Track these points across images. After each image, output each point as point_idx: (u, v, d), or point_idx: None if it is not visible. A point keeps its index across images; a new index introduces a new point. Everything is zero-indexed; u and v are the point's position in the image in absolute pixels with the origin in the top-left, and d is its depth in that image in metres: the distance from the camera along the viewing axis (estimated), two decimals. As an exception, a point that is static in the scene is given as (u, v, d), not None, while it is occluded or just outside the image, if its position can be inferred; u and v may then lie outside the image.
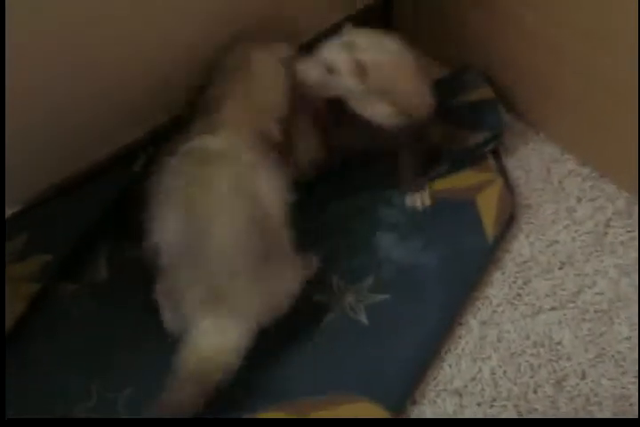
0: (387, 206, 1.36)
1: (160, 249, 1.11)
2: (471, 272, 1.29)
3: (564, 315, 1.26)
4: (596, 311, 1.26)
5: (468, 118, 1.40)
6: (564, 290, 1.28)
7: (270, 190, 1.13)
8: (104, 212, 1.30)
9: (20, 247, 1.26)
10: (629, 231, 1.32)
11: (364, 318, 1.24)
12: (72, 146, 1.24)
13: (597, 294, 1.27)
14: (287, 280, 1.14)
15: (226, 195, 1.10)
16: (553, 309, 1.26)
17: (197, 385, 1.06)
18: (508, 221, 1.34)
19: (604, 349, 1.22)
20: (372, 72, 1.19)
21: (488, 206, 1.33)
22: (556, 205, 1.36)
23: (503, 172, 1.39)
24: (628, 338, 1.22)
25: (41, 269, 1.24)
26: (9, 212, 1.26)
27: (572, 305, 1.26)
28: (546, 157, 1.42)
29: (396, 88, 1.23)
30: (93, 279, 1.28)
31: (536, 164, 1.41)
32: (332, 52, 1.21)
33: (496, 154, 1.41)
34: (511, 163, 1.42)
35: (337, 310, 1.25)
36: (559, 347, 1.23)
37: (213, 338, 1.09)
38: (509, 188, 1.37)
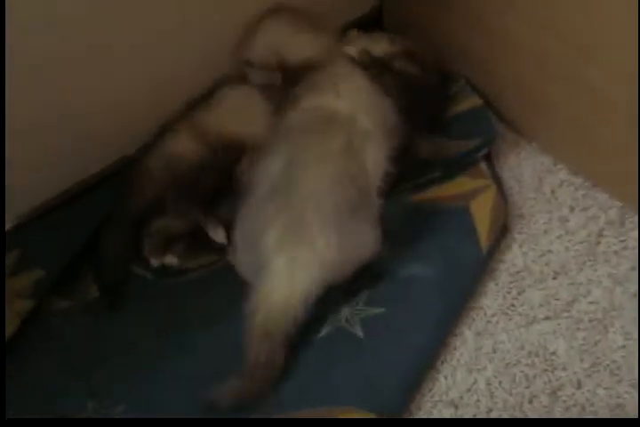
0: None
1: (255, 184, 1.18)
2: (466, 283, 1.29)
3: (559, 324, 1.26)
4: (590, 320, 1.26)
5: (459, 128, 1.41)
6: (557, 300, 1.28)
7: (375, 159, 1.21)
8: (96, 227, 1.30)
9: (12, 263, 1.26)
10: (622, 241, 1.32)
11: (359, 331, 1.24)
12: (65, 163, 1.26)
13: (591, 303, 1.27)
14: (366, 241, 1.18)
15: (333, 152, 1.17)
16: (547, 318, 1.26)
17: (267, 339, 1.11)
18: (502, 230, 1.34)
19: (599, 358, 1.22)
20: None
21: (482, 214, 1.33)
22: (548, 215, 1.36)
23: (497, 178, 1.39)
24: (623, 347, 1.22)
25: (34, 286, 1.24)
26: (1, 228, 1.26)
27: (566, 315, 1.26)
28: (538, 167, 1.42)
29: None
30: (86, 296, 1.28)
31: (528, 174, 1.42)
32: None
33: (489, 161, 1.41)
34: (503, 173, 1.42)
35: (333, 322, 1.25)
36: (554, 357, 1.23)
37: (285, 277, 1.13)
38: (503, 196, 1.37)
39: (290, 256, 1.13)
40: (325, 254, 1.14)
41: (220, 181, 1.28)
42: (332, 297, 1.21)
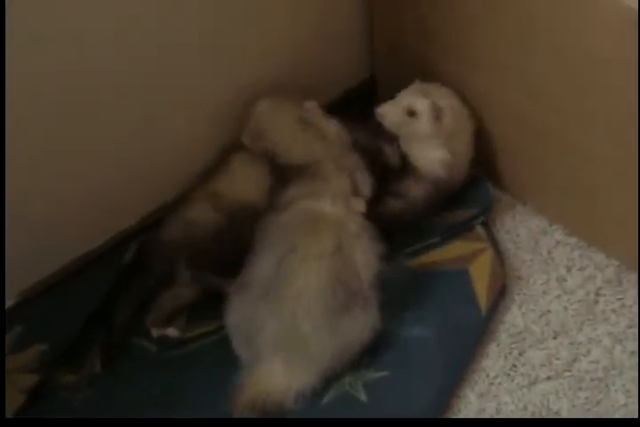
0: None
1: (248, 283, 1.22)
2: (467, 345, 1.31)
3: (561, 384, 1.27)
4: (591, 380, 1.27)
5: (456, 197, 1.44)
6: (558, 359, 1.29)
7: (366, 260, 1.25)
8: (99, 301, 1.32)
9: (15, 339, 1.27)
10: (620, 299, 1.34)
11: (362, 396, 1.25)
12: (64, 238, 1.28)
13: (592, 362, 1.28)
14: (361, 330, 1.23)
15: (324, 253, 1.21)
16: (549, 378, 1.27)
17: (251, 410, 1.16)
18: (501, 292, 1.36)
19: (601, 417, 1.22)
20: (447, 116, 1.32)
21: (481, 276, 1.35)
22: (546, 276, 1.38)
23: (493, 241, 1.42)
24: (625, 405, 1.23)
25: (38, 360, 1.25)
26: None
27: (567, 374, 1.28)
28: (533, 229, 1.45)
29: (459, 136, 1.37)
30: (92, 369, 1.29)
31: (524, 235, 1.44)
32: (413, 97, 1.34)
33: (485, 225, 1.44)
34: (500, 235, 1.45)
35: (336, 388, 1.26)
36: (557, 417, 1.23)
37: (281, 376, 1.18)
38: (501, 258, 1.39)
39: (285, 358, 1.19)
40: (321, 356, 1.20)
41: (236, 248, 1.31)
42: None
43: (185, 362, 1.30)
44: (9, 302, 1.28)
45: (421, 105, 1.32)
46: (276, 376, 1.19)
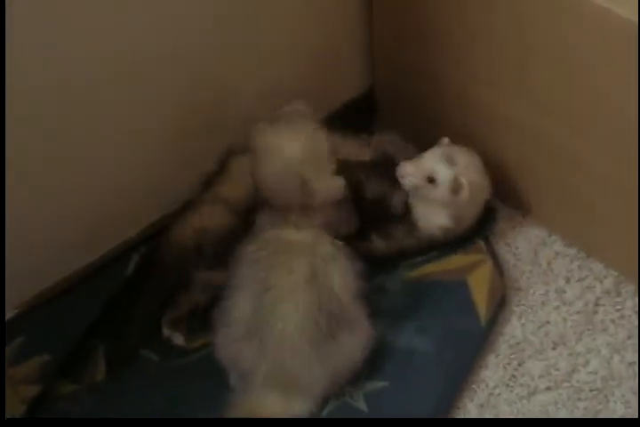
0: (379, 292, 1.38)
1: (230, 320, 1.21)
2: (467, 356, 1.32)
3: (560, 395, 1.27)
4: (590, 390, 1.27)
5: None
6: (557, 370, 1.30)
7: (344, 282, 1.23)
8: (100, 311, 1.33)
9: (17, 350, 1.28)
10: (619, 309, 1.35)
11: (363, 406, 1.26)
12: (65, 250, 1.29)
13: (591, 372, 1.29)
14: (354, 351, 1.23)
15: (299, 284, 1.20)
16: (548, 389, 1.28)
17: None
18: (500, 303, 1.37)
19: (601, 427, 1.23)
20: (465, 192, 1.31)
21: (480, 287, 1.36)
22: (545, 287, 1.39)
23: (493, 253, 1.43)
24: (624, 416, 1.24)
25: (40, 371, 1.26)
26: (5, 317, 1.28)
27: (566, 385, 1.28)
28: (533, 240, 1.46)
29: (470, 206, 1.36)
30: (93, 378, 1.30)
31: (523, 246, 1.45)
32: (437, 163, 1.32)
33: (485, 237, 1.45)
34: (499, 246, 1.45)
35: (337, 398, 1.26)
36: (557, 427, 1.24)
37: (277, 406, 1.19)
38: (500, 270, 1.40)
39: (280, 394, 1.19)
40: (314, 387, 1.20)
41: None
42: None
43: (187, 372, 1.31)
44: (9, 314, 1.29)
45: (443, 175, 1.31)
46: (271, 406, 1.19)
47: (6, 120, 1.00)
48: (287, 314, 1.19)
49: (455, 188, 1.31)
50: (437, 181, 1.31)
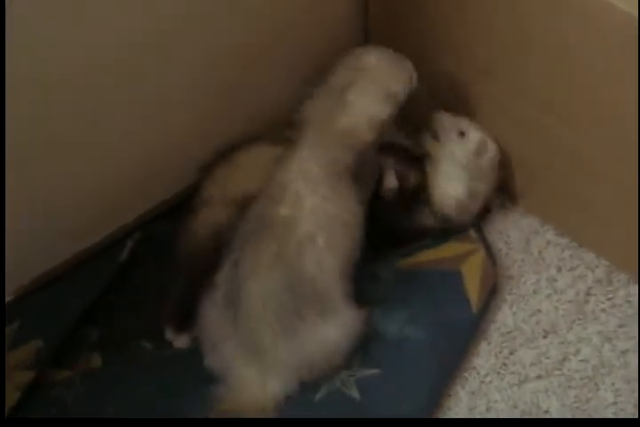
0: (371, 280, 1.38)
1: (216, 286, 1.22)
2: (459, 344, 1.32)
3: (551, 383, 1.28)
4: (581, 378, 1.28)
5: None
6: (548, 358, 1.31)
7: (321, 263, 1.19)
8: (95, 297, 1.33)
9: (12, 335, 1.28)
10: (610, 298, 1.36)
11: (355, 393, 1.26)
12: (59, 236, 1.28)
13: (582, 361, 1.30)
14: (327, 339, 1.20)
15: (263, 265, 1.18)
16: (539, 377, 1.29)
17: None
18: (492, 291, 1.37)
19: (590, 415, 1.24)
20: (488, 155, 1.36)
21: (472, 276, 1.36)
22: (537, 276, 1.40)
23: (485, 241, 1.43)
24: (614, 404, 1.25)
25: (34, 357, 1.26)
26: (0, 301, 1.28)
27: (557, 373, 1.29)
28: (525, 229, 1.46)
29: (483, 180, 1.38)
30: (86, 365, 1.30)
31: (516, 236, 1.46)
32: (471, 125, 1.36)
33: (477, 226, 1.45)
34: (491, 235, 1.46)
35: (328, 385, 1.27)
36: (547, 415, 1.25)
37: (254, 387, 1.19)
38: (492, 259, 1.41)
39: (254, 369, 1.19)
40: (288, 365, 1.20)
41: None
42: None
43: (180, 360, 1.31)
44: (7, 298, 1.29)
45: (474, 133, 1.35)
46: (252, 386, 1.20)
47: (6, 106, 0.99)
48: (253, 291, 1.18)
49: (480, 149, 1.34)
50: (467, 135, 1.35)
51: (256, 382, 1.20)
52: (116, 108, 1.19)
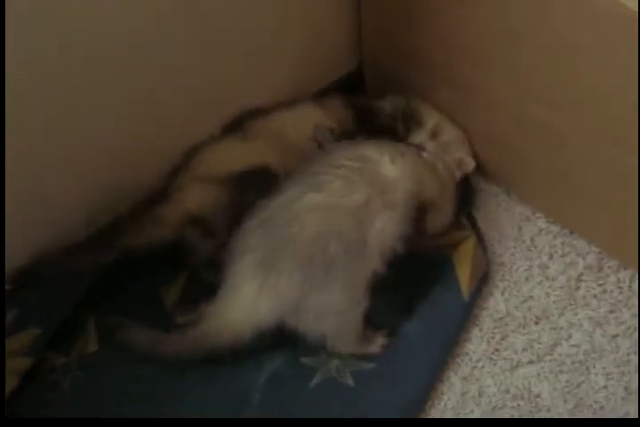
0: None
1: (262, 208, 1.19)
2: (451, 331, 1.34)
3: (542, 368, 1.30)
4: (572, 363, 1.30)
5: None
6: (540, 344, 1.32)
7: (382, 231, 1.18)
8: (92, 284, 1.33)
9: (10, 322, 1.27)
10: (601, 284, 1.38)
11: (350, 381, 1.28)
12: (57, 225, 1.29)
13: (573, 346, 1.32)
14: (332, 303, 1.17)
15: (340, 205, 1.16)
16: (531, 362, 1.31)
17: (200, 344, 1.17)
18: (483, 278, 1.39)
19: (582, 399, 1.26)
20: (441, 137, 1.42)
21: (463, 263, 1.38)
22: (528, 262, 1.41)
23: (477, 229, 1.45)
24: (605, 387, 1.27)
25: (32, 344, 1.26)
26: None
27: (549, 358, 1.31)
28: (517, 217, 1.48)
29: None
30: (83, 351, 1.30)
31: (507, 223, 1.47)
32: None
33: (468, 214, 1.47)
34: (484, 223, 1.47)
35: (324, 372, 1.29)
36: (538, 399, 1.27)
37: (246, 301, 1.16)
38: (483, 246, 1.42)
39: (257, 284, 1.16)
40: (285, 291, 1.15)
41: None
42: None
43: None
44: (5, 287, 1.29)
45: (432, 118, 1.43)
46: (245, 300, 1.16)
47: (7, 93, 1.01)
48: (310, 221, 1.15)
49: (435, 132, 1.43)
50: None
51: (250, 297, 1.16)
52: (113, 94, 1.19)
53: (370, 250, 1.18)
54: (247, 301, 1.16)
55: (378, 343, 1.29)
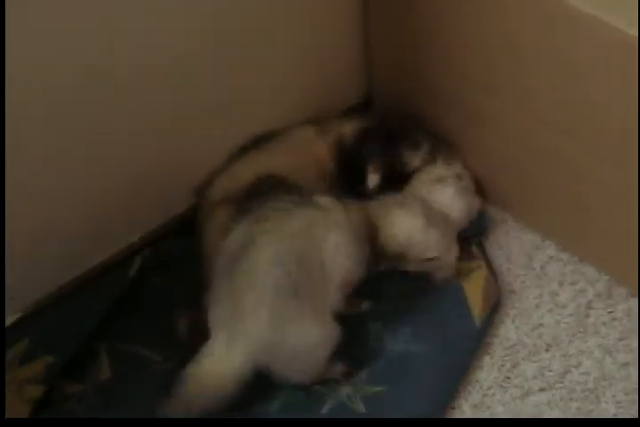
0: (374, 296, 1.40)
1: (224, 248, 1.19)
2: (462, 358, 1.34)
3: (553, 395, 1.30)
4: (582, 391, 1.30)
5: None
6: (550, 371, 1.33)
7: (337, 250, 1.18)
8: (104, 312, 1.34)
9: (23, 351, 1.29)
10: (610, 312, 1.38)
11: (361, 407, 1.28)
12: (69, 253, 1.30)
13: (583, 373, 1.32)
14: (308, 331, 1.16)
15: (289, 231, 1.16)
16: (542, 390, 1.31)
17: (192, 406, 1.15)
18: (495, 306, 1.39)
19: (592, 427, 1.26)
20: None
21: (474, 292, 1.39)
22: (539, 290, 1.42)
23: (487, 259, 1.46)
24: (615, 416, 1.27)
25: (45, 372, 1.27)
26: (9, 320, 1.30)
27: (559, 386, 1.31)
28: (526, 244, 1.49)
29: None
30: (97, 378, 1.31)
31: (517, 251, 1.48)
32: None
33: (479, 242, 1.48)
34: (493, 250, 1.48)
35: (335, 399, 1.29)
36: None
37: (218, 355, 1.14)
38: (494, 274, 1.43)
39: (228, 333, 1.14)
40: (255, 334, 1.13)
41: None
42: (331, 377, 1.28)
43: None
44: (16, 316, 1.30)
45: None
46: (217, 354, 1.15)
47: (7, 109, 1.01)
48: (265, 252, 1.14)
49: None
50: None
51: (222, 349, 1.14)
52: (127, 114, 1.21)
53: (330, 274, 1.18)
54: (219, 354, 1.14)
55: (337, 371, 1.29)
